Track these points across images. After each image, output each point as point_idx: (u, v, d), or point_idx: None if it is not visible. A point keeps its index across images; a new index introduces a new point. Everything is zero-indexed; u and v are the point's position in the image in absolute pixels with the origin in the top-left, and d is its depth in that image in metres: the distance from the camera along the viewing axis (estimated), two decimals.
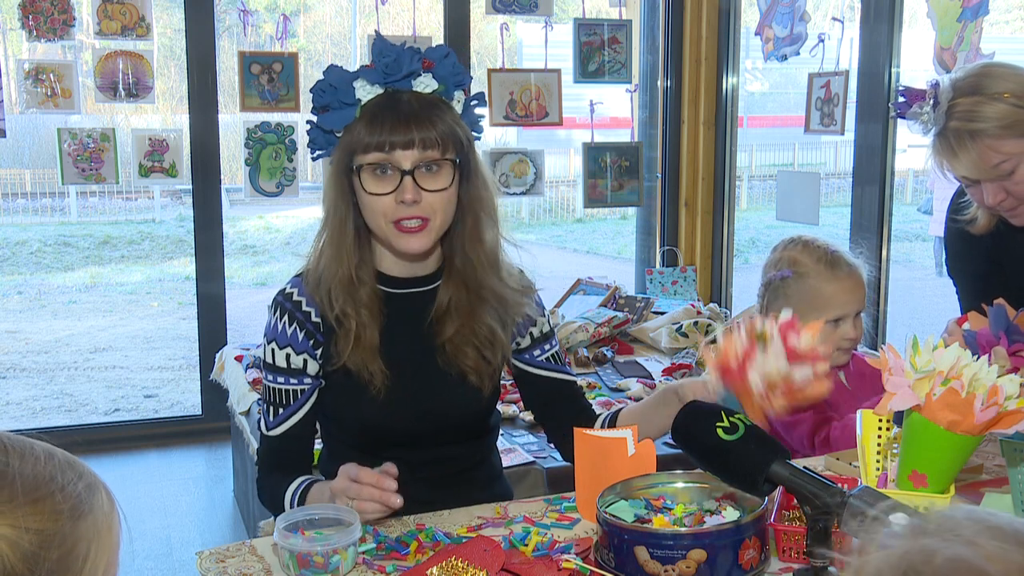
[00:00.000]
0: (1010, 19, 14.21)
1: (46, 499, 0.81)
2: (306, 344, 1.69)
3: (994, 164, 1.78)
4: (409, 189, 1.58)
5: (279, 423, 1.72)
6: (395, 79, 1.61)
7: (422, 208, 1.60)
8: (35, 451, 0.84)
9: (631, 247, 5.57)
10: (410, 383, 1.70)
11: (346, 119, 1.62)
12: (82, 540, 0.83)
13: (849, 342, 2.03)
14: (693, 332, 3.85)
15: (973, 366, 1.29)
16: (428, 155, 1.60)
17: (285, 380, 1.70)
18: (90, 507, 0.84)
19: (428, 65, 1.63)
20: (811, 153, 15.60)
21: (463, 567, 1.37)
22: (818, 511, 1.25)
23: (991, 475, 1.72)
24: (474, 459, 1.81)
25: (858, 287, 2.04)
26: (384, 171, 1.60)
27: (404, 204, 1.59)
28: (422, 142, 1.58)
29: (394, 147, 1.58)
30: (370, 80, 1.62)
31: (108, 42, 4.04)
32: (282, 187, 4.25)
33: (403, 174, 1.59)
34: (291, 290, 1.72)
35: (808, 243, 2.07)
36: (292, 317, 1.69)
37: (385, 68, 1.61)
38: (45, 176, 12.47)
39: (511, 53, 5.31)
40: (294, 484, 1.67)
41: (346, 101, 1.62)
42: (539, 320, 1.82)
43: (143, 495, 3.85)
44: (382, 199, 1.60)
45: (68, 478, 0.84)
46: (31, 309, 8.36)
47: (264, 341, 1.73)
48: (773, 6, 4.08)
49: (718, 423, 1.34)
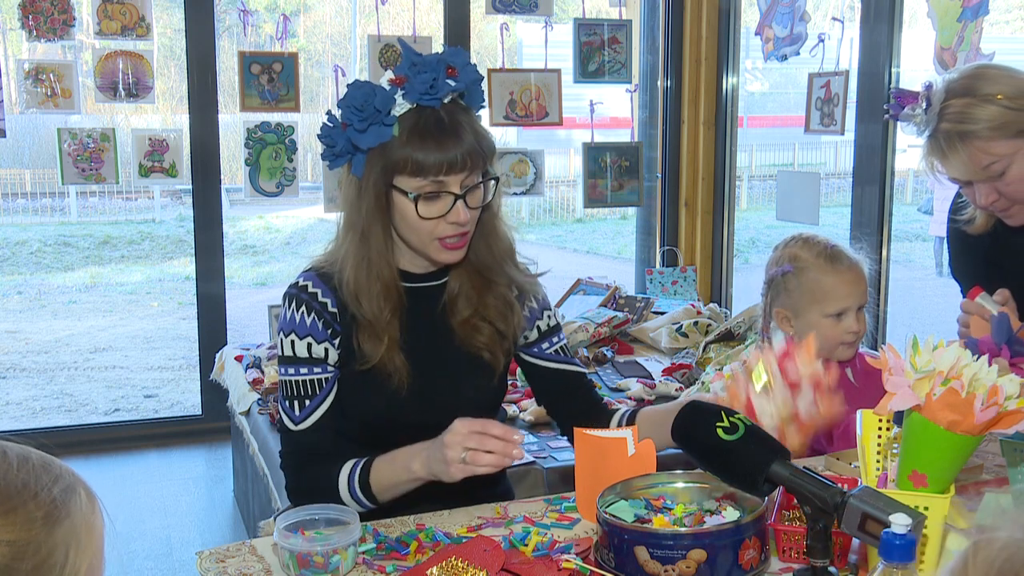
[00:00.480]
0: (1010, 19, 14.21)
1: (18, 509, 0.79)
2: (325, 333, 1.69)
3: (984, 165, 1.78)
4: (461, 212, 1.61)
5: (307, 415, 1.70)
6: (433, 97, 1.60)
7: (467, 225, 1.64)
8: (8, 458, 0.82)
9: (631, 247, 5.57)
10: (429, 375, 1.71)
11: (383, 137, 1.61)
12: (59, 546, 0.81)
13: (853, 336, 2.03)
14: (693, 332, 3.85)
15: (973, 366, 1.29)
16: (474, 176, 1.63)
17: (309, 370, 1.69)
18: (67, 511, 0.83)
19: (452, 73, 1.63)
20: (811, 153, 15.61)
21: (463, 567, 1.37)
22: (818, 511, 1.25)
23: (991, 475, 1.72)
24: None
25: (859, 280, 2.04)
26: (436, 197, 1.61)
27: (458, 224, 1.62)
28: (469, 164, 1.60)
29: (448, 171, 1.59)
30: (410, 99, 1.60)
31: (108, 42, 4.05)
32: (282, 187, 4.25)
33: (456, 198, 1.61)
34: (304, 283, 1.72)
35: (808, 239, 2.08)
36: (309, 307, 1.69)
37: (428, 87, 1.59)
38: (45, 176, 12.47)
39: (511, 53, 5.31)
40: (347, 467, 1.64)
41: (385, 121, 1.60)
42: (546, 313, 1.84)
43: (143, 495, 3.85)
44: (432, 221, 1.62)
45: (42, 483, 0.82)
46: (31, 309, 8.36)
47: (280, 337, 1.71)
48: (773, 6, 4.08)
49: (718, 423, 1.34)
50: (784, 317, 2.07)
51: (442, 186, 1.60)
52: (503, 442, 1.48)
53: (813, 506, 1.25)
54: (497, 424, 1.50)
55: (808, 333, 2.02)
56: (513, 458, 1.48)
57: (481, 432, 1.49)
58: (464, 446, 1.48)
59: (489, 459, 1.48)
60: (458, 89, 1.63)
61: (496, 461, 1.48)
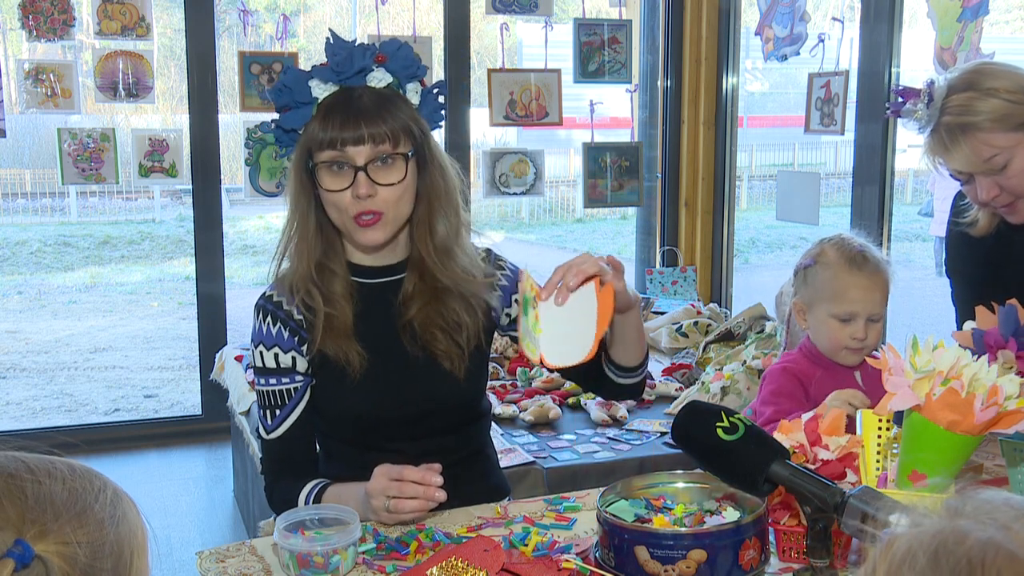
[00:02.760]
0: (1010, 19, 14.22)
1: (87, 511, 0.81)
2: (292, 342, 1.71)
3: (986, 158, 1.79)
4: (363, 184, 1.62)
5: (277, 425, 1.73)
6: (347, 76, 1.66)
7: (375, 202, 1.64)
8: (58, 467, 0.84)
9: (631, 247, 5.57)
10: (385, 366, 1.72)
11: (304, 117, 1.67)
12: (125, 545, 0.83)
13: (857, 343, 1.99)
14: (693, 332, 3.86)
15: (973, 366, 1.29)
16: (380, 150, 1.63)
17: (277, 380, 1.72)
18: (123, 512, 0.85)
19: (381, 59, 1.67)
20: (811, 153, 15.61)
21: (463, 567, 1.37)
22: (818, 511, 1.25)
23: (991, 475, 1.72)
24: (468, 449, 1.82)
25: (873, 288, 2.00)
26: (340, 167, 1.64)
27: (359, 199, 1.63)
28: (372, 137, 1.62)
29: (346, 143, 1.62)
30: (323, 78, 1.66)
31: (108, 42, 4.05)
32: (282, 187, 4.25)
33: (356, 170, 1.63)
34: (270, 293, 1.75)
35: (844, 239, 2.06)
36: (275, 317, 1.72)
37: (337, 66, 1.65)
38: (45, 176, 12.48)
39: (511, 53, 5.31)
40: (306, 489, 1.68)
41: (302, 100, 1.66)
42: (512, 298, 1.82)
43: (143, 495, 3.84)
44: (338, 195, 1.64)
45: (96, 487, 0.84)
46: (31, 309, 8.37)
47: (252, 347, 1.76)
48: (773, 6, 4.08)
49: (718, 423, 1.34)
50: (800, 309, 2.07)
51: (344, 157, 1.63)
52: (422, 487, 1.51)
53: (813, 506, 1.25)
54: (413, 470, 1.53)
55: (818, 329, 2.02)
56: (435, 500, 1.51)
57: (399, 479, 1.52)
58: (386, 495, 1.52)
59: (412, 504, 1.51)
60: (385, 78, 1.67)
61: (420, 506, 1.52)
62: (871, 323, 2.00)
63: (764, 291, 2.26)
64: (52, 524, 0.78)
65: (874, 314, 2.00)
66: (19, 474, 0.80)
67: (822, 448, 1.49)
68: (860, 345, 1.99)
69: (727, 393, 3.10)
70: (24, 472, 0.81)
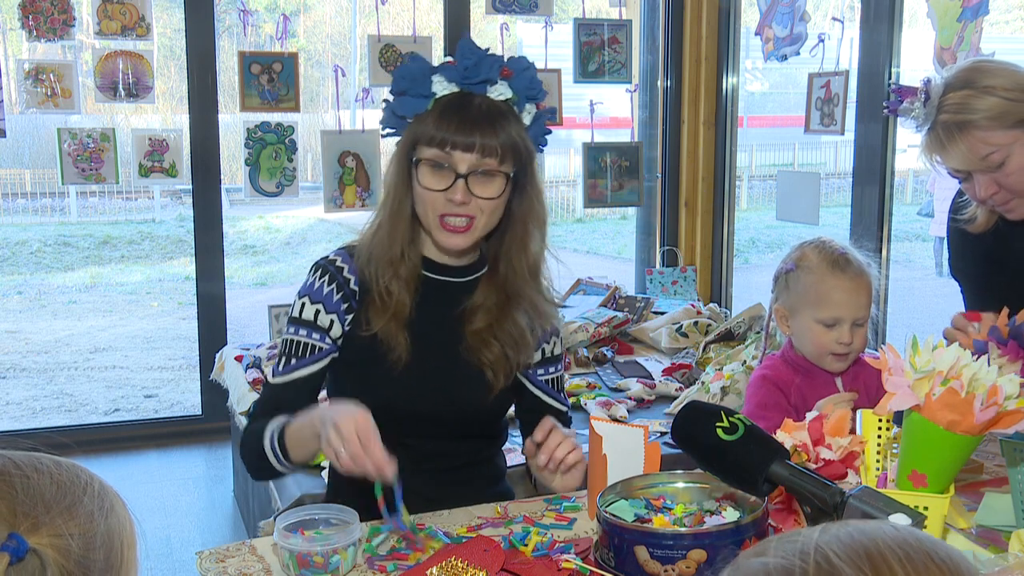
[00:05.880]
0: (1010, 19, 14.21)
1: (77, 504, 0.82)
2: (338, 306, 1.72)
3: (983, 156, 1.79)
4: (460, 191, 1.64)
5: (288, 372, 1.73)
6: (472, 82, 1.67)
7: (469, 208, 1.65)
8: (44, 462, 0.84)
9: (631, 247, 5.57)
10: (429, 362, 1.72)
11: (418, 108, 1.68)
12: (115, 536, 0.84)
13: (843, 347, 1.95)
14: (693, 332, 3.86)
15: (973, 366, 1.29)
16: (485, 163, 1.65)
17: (308, 333, 1.72)
18: (111, 505, 0.85)
19: (507, 74, 1.68)
20: (811, 153, 15.60)
21: (463, 567, 1.37)
22: (818, 511, 1.25)
23: (991, 475, 1.72)
24: (480, 456, 1.82)
25: (858, 292, 1.96)
26: (440, 168, 1.65)
27: (453, 202, 1.64)
28: (482, 148, 1.63)
29: (456, 147, 1.63)
30: (448, 77, 1.68)
31: (108, 42, 4.04)
32: (282, 187, 4.25)
33: (457, 176, 1.64)
34: (334, 257, 1.76)
35: (824, 242, 2.03)
36: (332, 278, 1.73)
37: (464, 69, 1.66)
38: (45, 176, 12.47)
39: (511, 53, 5.29)
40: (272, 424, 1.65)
41: (422, 92, 1.68)
42: (554, 339, 1.86)
43: (143, 495, 3.85)
44: (433, 194, 1.65)
45: (83, 480, 0.85)
46: (31, 309, 8.36)
47: (296, 299, 1.76)
48: (773, 6, 4.08)
49: (718, 423, 1.34)
50: (782, 316, 2.04)
51: (448, 160, 1.64)
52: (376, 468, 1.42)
53: (813, 506, 1.25)
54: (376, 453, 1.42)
55: (802, 335, 2.00)
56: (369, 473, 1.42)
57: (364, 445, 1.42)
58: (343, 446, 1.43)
59: (348, 465, 1.43)
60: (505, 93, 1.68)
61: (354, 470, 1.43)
62: (856, 327, 1.96)
63: (764, 291, 2.24)
64: (44, 517, 0.79)
65: (859, 318, 1.96)
66: (6, 470, 0.81)
67: (825, 448, 1.49)
68: (846, 350, 1.96)
69: (727, 393, 3.10)
70: (11, 468, 0.81)
